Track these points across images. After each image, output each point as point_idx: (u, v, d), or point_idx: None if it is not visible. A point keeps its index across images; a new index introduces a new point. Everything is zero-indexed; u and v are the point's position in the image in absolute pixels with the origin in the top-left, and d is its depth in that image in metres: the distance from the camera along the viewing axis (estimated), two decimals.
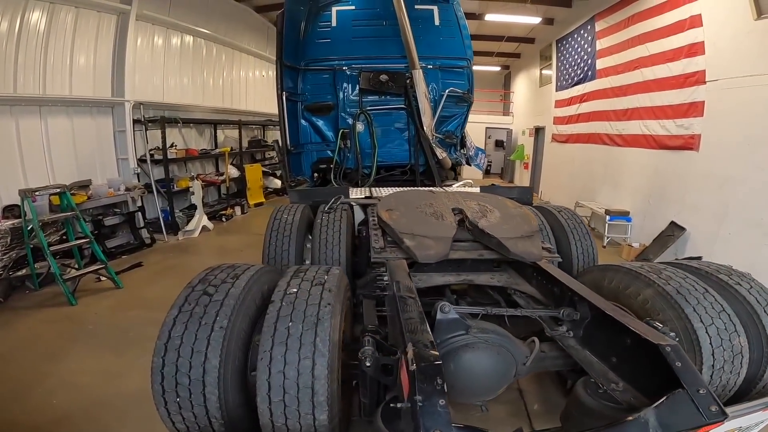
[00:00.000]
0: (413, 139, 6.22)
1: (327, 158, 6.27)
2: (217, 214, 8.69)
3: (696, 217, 6.65)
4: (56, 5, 6.13)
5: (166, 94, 8.44)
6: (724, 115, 6.26)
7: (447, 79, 6.27)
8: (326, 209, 3.81)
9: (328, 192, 4.51)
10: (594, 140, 9.86)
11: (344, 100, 6.15)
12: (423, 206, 3.40)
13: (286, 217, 3.74)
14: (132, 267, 6.00)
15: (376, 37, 6.21)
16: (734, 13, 6.06)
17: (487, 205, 3.53)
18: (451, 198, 3.73)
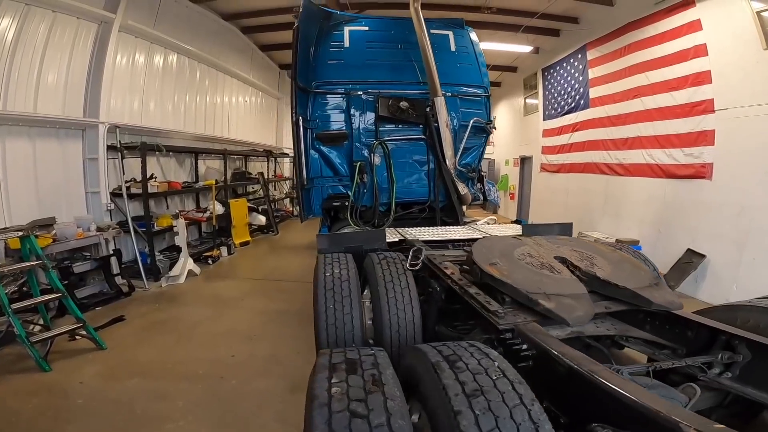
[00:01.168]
0: (433, 172, 5.74)
1: (339, 195, 5.66)
2: (201, 255, 7.66)
3: (715, 244, 6.49)
4: (31, 8, 5.30)
5: (145, 117, 7.52)
6: (737, 144, 6.24)
7: (465, 108, 5.91)
8: (409, 264, 3.16)
9: (365, 237, 3.90)
10: (591, 170, 9.79)
11: (359, 128, 5.59)
12: (522, 257, 2.92)
13: (339, 272, 3.08)
14: (112, 321, 4.94)
15: (391, 61, 5.81)
16: (741, 43, 6.14)
17: (581, 250, 3.15)
18: (542, 245, 3.24)
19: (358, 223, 5.42)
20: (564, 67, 10.67)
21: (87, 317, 4.61)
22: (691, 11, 6.86)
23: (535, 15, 8.86)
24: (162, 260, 6.78)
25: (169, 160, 8.25)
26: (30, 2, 5.31)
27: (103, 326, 4.77)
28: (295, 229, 11.73)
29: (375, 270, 3.08)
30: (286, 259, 7.97)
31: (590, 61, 9.55)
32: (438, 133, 5.43)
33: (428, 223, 5.61)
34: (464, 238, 4.31)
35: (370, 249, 3.62)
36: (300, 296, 5.76)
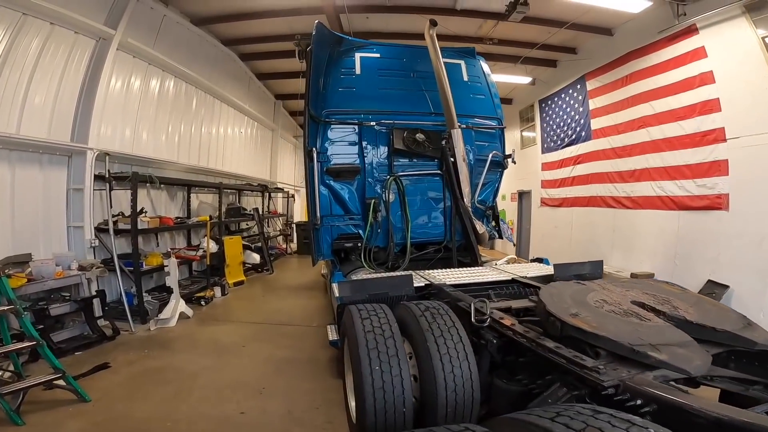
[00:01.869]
0: (449, 210, 5.35)
1: (350, 234, 5.23)
2: (192, 296, 6.99)
3: (737, 274, 6.24)
4: (28, 18, 4.95)
5: (137, 145, 7.04)
6: (754, 173, 6.12)
7: (480, 141, 5.64)
8: (475, 320, 2.71)
9: (391, 283, 3.49)
10: (596, 203, 9.58)
11: (372, 162, 5.22)
12: (598, 304, 2.72)
13: (380, 328, 2.67)
14: (96, 369, 4.26)
15: (404, 90, 5.54)
16: (750, 70, 6.13)
17: (652, 293, 3.01)
18: (611, 290, 3.04)
19: (372, 265, 4.97)
20: (562, 98, 10.61)
21: (66, 363, 4.01)
22: (694, 38, 6.87)
23: (535, 46, 8.89)
24: (150, 302, 6.10)
25: (160, 193, 7.72)
26: (28, 12, 4.96)
27: (85, 374, 4.10)
28: (290, 267, 11.13)
29: (419, 323, 2.69)
30: (285, 301, 7.35)
31: (590, 92, 9.50)
32: (455, 168, 5.09)
33: (443, 264, 5.18)
34: (494, 281, 3.99)
35: (396, 296, 3.32)
36: (307, 342, 5.17)
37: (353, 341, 2.63)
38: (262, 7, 7.40)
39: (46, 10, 5.16)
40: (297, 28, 8.20)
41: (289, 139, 15.10)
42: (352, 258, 5.28)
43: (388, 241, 5.13)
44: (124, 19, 6.14)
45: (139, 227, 6.13)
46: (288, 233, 13.13)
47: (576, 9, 7.10)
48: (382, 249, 5.23)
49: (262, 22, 8.04)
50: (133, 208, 6.03)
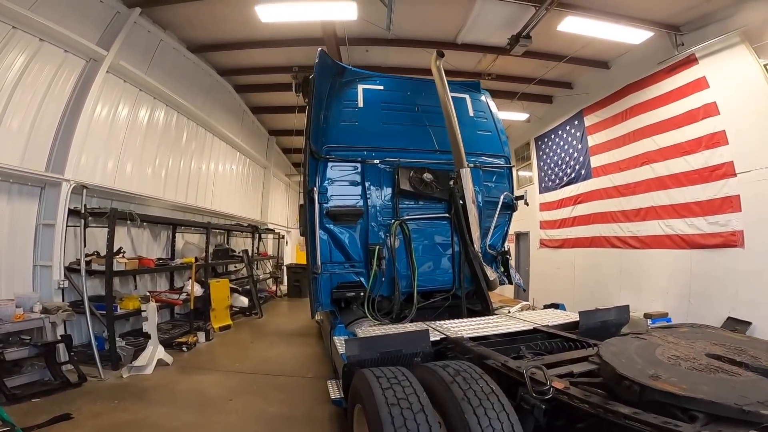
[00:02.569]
0: (458, 256, 4.95)
1: (352, 283, 4.77)
2: (173, 341, 6.26)
3: (760, 311, 5.87)
4: (17, 32, 4.65)
5: (120, 179, 6.55)
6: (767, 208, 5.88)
7: (488, 181, 5.34)
8: (535, 392, 2.24)
9: (405, 339, 3.12)
10: (599, 244, 9.20)
11: (375, 205, 4.84)
12: (671, 360, 2.42)
13: (406, 399, 2.21)
14: (54, 420, 3.58)
15: (408, 125, 5.24)
16: (755, 100, 6.03)
17: (720, 342, 2.75)
18: (675, 342, 2.77)
19: (377, 316, 4.50)
20: (559, 135, 10.46)
21: (21, 411, 3.48)
22: (694, 69, 6.80)
23: (532, 81, 8.85)
24: (124, 347, 5.40)
25: (142, 232, 7.15)
26: (18, 25, 4.65)
27: (40, 425, 3.43)
28: (280, 311, 10.40)
29: (452, 391, 2.25)
30: (276, 348, 6.64)
31: (588, 128, 9.36)
32: (464, 211, 4.74)
33: (451, 313, 4.78)
34: (515, 331, 3.68)
35: (411, 353, 2.97)
36: (302, 396, 4.51)
37: (374, 417, 2.15)
38: (262, 36, 7.24)
39: (38, 26, 4.87)
40: (296, 60, 8.13)
41: (281, 178, 14.76)
42: (353, 307, 4.80)
43: (394, 290, 4.69)
44: (119, 40, 5.86)
45: (115, 268, 5.51)
46: (278, 276, 12.44)
47: (575, 42, 7.08)
48: (386, 298, 4.79)
49: (261, 52, 7.88)
50: (109, 247, 5.45)
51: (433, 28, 6.99)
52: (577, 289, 9.96)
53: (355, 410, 2.74)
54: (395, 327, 3.95)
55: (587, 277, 9.67)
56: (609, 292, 8.78)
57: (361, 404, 2.46)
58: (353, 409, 2.77)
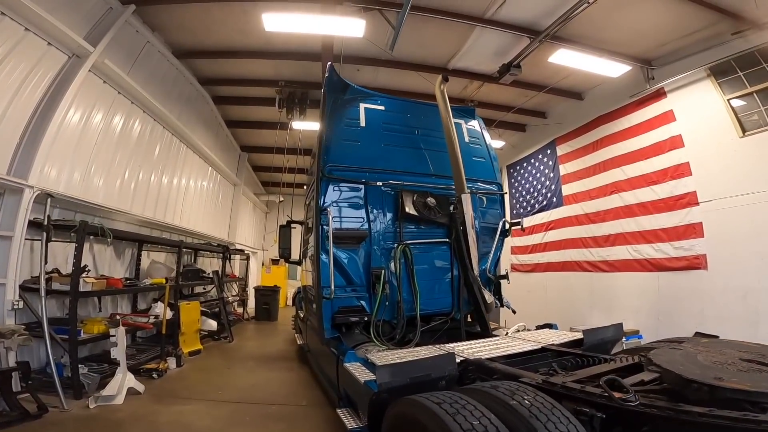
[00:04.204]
0: (456, 280, 4.94)
1: (353, 308, 4.59)
2: (140, 368, 5.60)
3: (725, 325, 6.14)
4: (5, 19, 4.23)
5: (86, 189, 5.93)
6: (729, 233, 6.37)
7: (483, 207, 5.40)
8: (620, 398, 2.21)
9: (432, 364, 2.99)
10: (571, 268, 9.53)
11: (378, 228, 4.75)
12: (716, 365, 2.53)
13: (479, 422, 2.08)
14: None
15: (408, 148, 5.22)
16: (717, 133, 6.52)
17: (745, 350, 2.91)
18: (707, 350, 2.90)
19: (383, 341, 4.34)
20: (532, 164, 10.80)
21: None
22: (663, 102, 7.26)
23: (511, 109, 9.16)
24: (88, 374, 4.74)
25: (105, 249, 6.48)
26: (7, 12, 4.21)
27: None
28: (250, 335, 9.74)
29: (518, 411, 2.16)
30: (258, 374, 6.14)
31: (560, 157, 9.73)
32: (465, 236, 4.73)
33: (448, 336, 4.74)
34: (526, 351, 3.69)
35: (438, 377, 2.90)
36: (305, 427, 4.18)
37: None
38: (254, 46, 7.02)
39: (28, 13, 4.41)
40: (284, 74, 7.96)
41: (249, 196, 14.20)
42: (356, 332, 4.59)
43: (397, 314, 4.57)
44: (107, 37, 5.42)
45: (81, 289, 4.89)
46: (245, 298, 11.75)
47: (559, 73, 7.45)
48: (386, 322, 4.64)
49: (249, 63, 7.62)
50: (77, 265, 4.86)
51: (429, 52, 7.13)
52: (549, 309, 10.17)
53: None
54: (408, 351, 3.78)
55: (559, 298, 9.96)
56: (581, 313, 9.05)
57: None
58: None
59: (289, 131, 9.58)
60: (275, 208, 16.18)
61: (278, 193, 15.27)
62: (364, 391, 3.12)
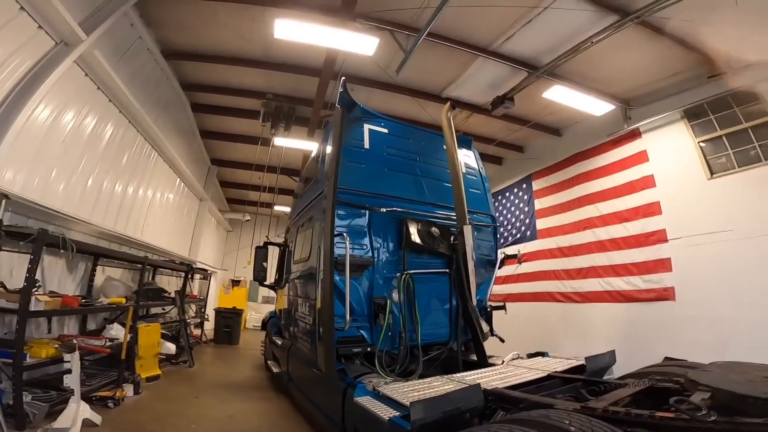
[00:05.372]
0: (454, 310, 4.90)
1: (354, 338, 4.36)
2: (92, 395, 4.84)
3: (694, 351, 6.28)
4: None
5: (46, 193, 5.22)
6: (697, 269, 6.72)
7: (477, 238, 5.32)
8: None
9: (461, 396, 2.91)
10: (543, 299, 9.67)
11: (382, 256, 4.60)
12: (753, 382, 2.53)
13: None
14: None
15: (409, 174, 5.16)
16: (687, 174, 6.93)
17: (755, 369, 2.95)
18: (734, 369, 2.95)
19: (387, 372, 4.12)
20: (507, 197, 11.01)
21: None
22: (637, 142, 7.65)
23: (493, 142, 9.39)
24: (33, 403, 3.99)
25: (56, 261, 5.69)
26: None
27: None
28: (211, 359, 8.93)
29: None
30: (232, 404, 5.51)
31: (536, 191, 9.98)
32: (465, 266, 4.69)
33: (445, 366, 4.63)
34: (535, 379, 3.72)
35: (466, 410, 2.84)
36: None
37: None
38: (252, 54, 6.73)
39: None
40: (274, 85, 7.69)
41: (214, 213, 13.39)
42: (357, 362, 4.36)
43: (399, 344, 4.40)
44: (103, 26, 4.90)
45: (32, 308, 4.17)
46: (205, 319, 10.85)
47: (546, 109, 7.71)
48: (386, 353, 4.43)
49: (240, 71, 7.25)
50: (30, 280, 4.13)
51: (427, 78, 7.19)
52: (522, 338, 10.17)
53: None
54: (421, 383, 3.64)
55: (532, 327, 9.99)
56: (555, 340, 9.12)
57: None
58: None
59: (270, 147, 9.22)
60: (239, 226, 15.42)
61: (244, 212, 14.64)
62: (389, 429, 2.89)
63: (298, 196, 7.21)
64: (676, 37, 5.68)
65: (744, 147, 6.33)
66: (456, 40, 6.03)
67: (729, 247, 6.33)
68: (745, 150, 6.33)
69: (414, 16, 5.56)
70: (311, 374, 4.71)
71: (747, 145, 6.29)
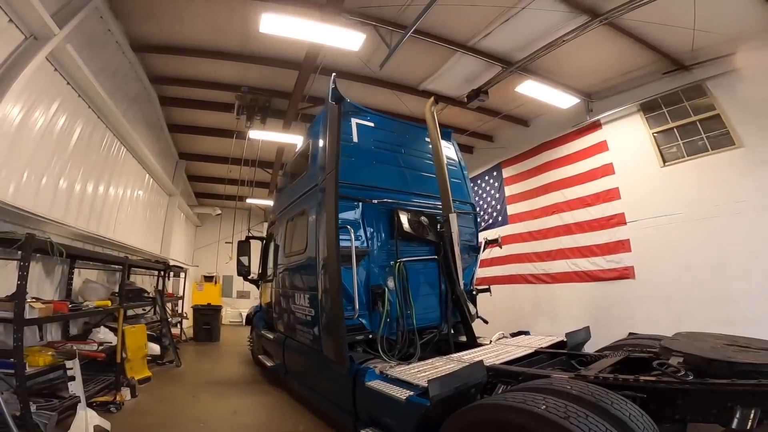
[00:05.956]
0: (444, 294, 5.23)
1: (354, 326, 4.55)
2: (91, 401, 4.75)
3: (654, 326, 6.95)
4: None
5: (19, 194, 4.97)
6: (652, 249, 7.43)
7: (460, 225, 5.65)
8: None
9: (470, 373, 3.20)
10: (516, 281, 10.21)
11: (375, 246, 4.82)
12: (716, 348, 2.97)
13: (576, 413, 2.24)
14: None
15: (396, 167, 5.41)
16: (642, 162, 7.60)
17: (714, 338, 3.43)
18: (699, 338, 3.41)
19: (389, 356, 4.37)
20: (478, 184, 11.43)
21: None
22: (598, 133, 8.28)
23: (465, 132, 9.70)
24: (40, 413, 3.90)
25: (34, 265, 5.41)
26: None
27: None
28: (195, 358, 8.82)
29: (589, 400, 2.38)
30: (231, 400, 5.56)
31: (506, 179, 10.50)
32: (452, 252, 5.04)
33: (437, 348, 4.99)
34: (525, 355, 4.14)
35: (473, 385, 3.14)
36: None
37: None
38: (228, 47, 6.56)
39: None
40: (250, 78, 7.56)
41: (183, 208, 12.93)
42: (359, 349, 4.55)
43: (396, 329, 4.66)
44: (76, 19, 4.66)
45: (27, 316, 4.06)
46: (184, 317, 10.62)
47: (514, 101, 8.09)
48: (384, 339, 4.64)
49: (214, 63, 7.04)
50: (22, 287, 4.00)
51: (406, 72, 7.33)
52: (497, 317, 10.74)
53: None
54: (424, 364, 3.93)
55: (505, 308, 10.52)
56: (527, 320, 9.62)
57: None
58: None
59: (246, 140, 9.06)
60: (208, 221, 15.01)
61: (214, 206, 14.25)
62: (407, 408, 3.13)
63: (281, 189, 7.21)
64: (636, 37, 6.17)
65: (692, 138, 7.01)
66: (436, 35, 6.22)
67: (679, 229, 7.04)
68: (693, 141, 7.01)
69: (398, 13, 5.68)
70: (313, 365, 4.91)
71: (695, 136, 6.96)
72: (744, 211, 6.22)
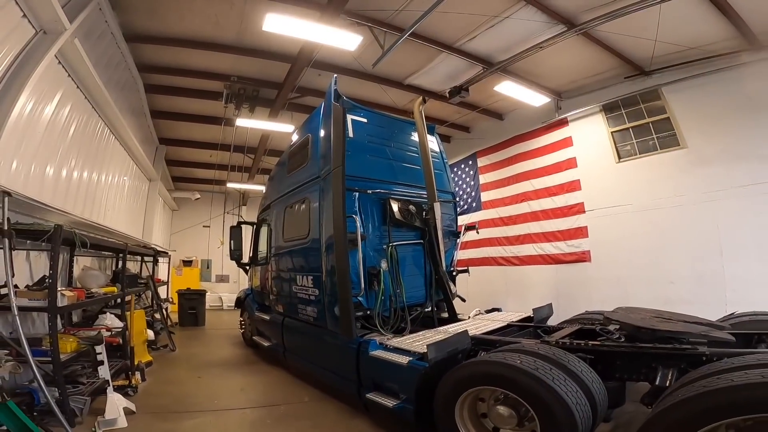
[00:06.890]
0: (429, 275, 5.86)
1: (355, 305, 4.95)
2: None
3: (606, 305, 7.89)
4: None
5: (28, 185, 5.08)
6: (605, 235, 8.41)
7: (442, 212, 6.24)
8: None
9: (457, 340, 3.84)
10: (488, 263, 11.02)
11: (370, 231, 5.32)
12: (646, 319, 3.64)
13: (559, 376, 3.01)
14: None
15: (386, 160, 5.92)
16: (601, 158, 8.50)
17: (647, 312, 4.10)
18: (635, 311, 4.10)
19: (386, 330, 4.92)
20: (455, 172, 11.99)
21: None
22: (565, 129, 9.11)
23: (444, 123, 10.25)
24: (77, 398, 4.22)
25: (39, 256, 5.58)
26: None
27: None
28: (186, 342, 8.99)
29: (557, 359, 3.17)
30: (235, 379, 5.99)
31: (481, 168, 11.24)
32: (436, 237, 5.64)
33: (423, 323, 5.56)
34: (499, 327, 4.89)
35: (461, 350, 3.77)
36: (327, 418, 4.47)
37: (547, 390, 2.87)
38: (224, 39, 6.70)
39: None
40: (241, 68, 7.72)
41: (162, 193, 12.80)
42: (357, 325, 4.94)
43: (390, 306, 5.19)
44: (83, 14, 4.73)
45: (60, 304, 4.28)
46: (169, 302, 10.73)
47: (492, 97, 8.66)
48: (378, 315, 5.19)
49: (208, 55, 7.15)
50: (53, 277, 4.23)
51: (393, 68, 7.72)
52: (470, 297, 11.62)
53: (463, 398, 3.31)
54: (416, 336, 4.56)
55: (478, 288, 11.34)
56: (498, 299, 10.47)
57: (507, 387, 3.07)
58: (453, 399, 3.34)
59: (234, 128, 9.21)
60: (185, 205, 14.90)
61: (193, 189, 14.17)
62: (409, 371, 3.72)
63: (274, 178, 7.54)
64: (604, 44, 6.86)
65: (645, 138, 7.91)
66: (426, 37, 6.66)
67: (629, 218, 7.99)
68: (645, 140, 7.92)
69: (392, 15, 6.07)
70: (315, 341, 5.42)
71: (647, 136, 7.87)
72: (683, 204, 7.18)
